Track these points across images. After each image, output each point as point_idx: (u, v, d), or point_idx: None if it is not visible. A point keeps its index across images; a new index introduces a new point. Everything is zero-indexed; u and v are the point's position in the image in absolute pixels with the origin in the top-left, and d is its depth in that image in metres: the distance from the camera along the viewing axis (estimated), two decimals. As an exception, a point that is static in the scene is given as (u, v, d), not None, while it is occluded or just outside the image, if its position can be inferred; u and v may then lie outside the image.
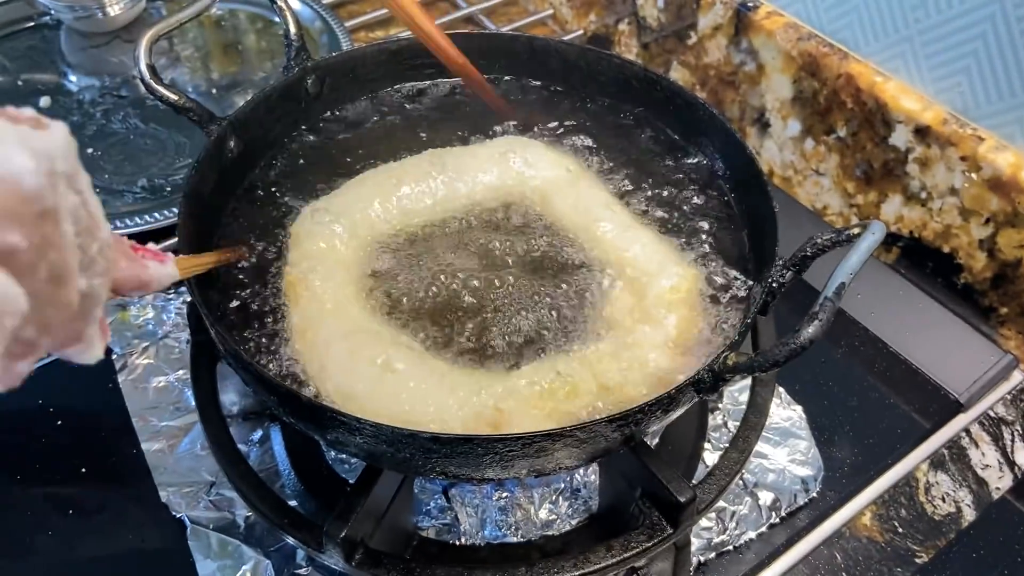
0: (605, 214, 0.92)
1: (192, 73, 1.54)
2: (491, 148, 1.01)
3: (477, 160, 0.99)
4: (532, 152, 1.00)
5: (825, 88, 1.23)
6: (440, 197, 0.97)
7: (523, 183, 0.99)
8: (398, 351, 0.80)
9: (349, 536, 0.77)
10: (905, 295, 1.21)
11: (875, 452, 1.05)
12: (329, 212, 0.92)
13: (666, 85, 1.01)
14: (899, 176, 1.19)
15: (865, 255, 0.69)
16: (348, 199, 0.94)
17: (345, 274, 0.89)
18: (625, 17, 1.49)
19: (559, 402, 0.77)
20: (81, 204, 0.47)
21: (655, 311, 0.82)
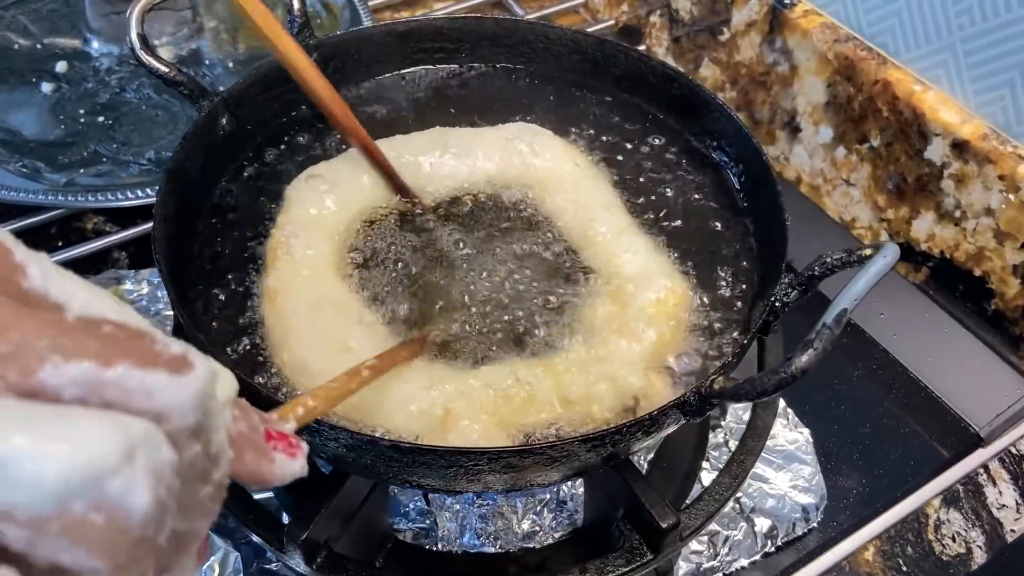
0: (602, 215, 0.87)
1: (215, 45, 1.52)
2: (500, 132, 0.97)
3: (482, 142, 0.95)
4: (541, 141, 0.96)
5: (860, 94, 1.16)
6: (438, 175, 0.93)
7: (526, 171, 0.94)
8: (359, 330, 0.77)
9: (311, 538, 0.74)
10: (931, 318, 1.14)
11: (884, 483, 0.99)
12: (324, 179, 0.90)
13: (684, 82, 0.96)
14: (933, 192, 1.12)
15: (874, 280, 0.64)
16: (345, 168, 0.92)
17: (328, 243, 0.86)
18: (657, 9, 1.43)
19: (513, 411, 0.72)
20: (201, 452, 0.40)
21: (635, 324, 0.77)
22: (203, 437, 0.40)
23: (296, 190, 0.90)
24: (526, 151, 0.94)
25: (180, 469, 0.38)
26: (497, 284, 0.86)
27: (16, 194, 1.14)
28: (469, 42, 1.03)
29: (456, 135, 0.96)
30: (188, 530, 0.41)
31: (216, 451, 0.41)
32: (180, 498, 0.39)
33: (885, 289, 1.15)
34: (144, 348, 0.38)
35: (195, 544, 0.42)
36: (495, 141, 0.96)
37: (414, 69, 1.04)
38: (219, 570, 0.88)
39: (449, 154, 0.94)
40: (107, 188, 1.17)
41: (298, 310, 0.79)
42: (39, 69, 1.37)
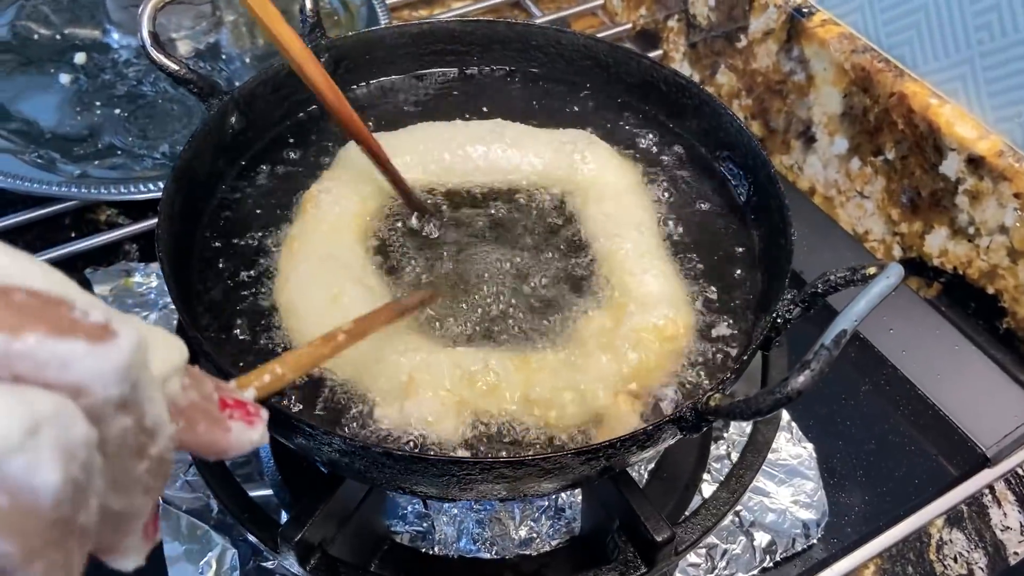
0: (632, 233, 0.86)
1: (234, 39, 1.52)
2: (557, 134, 0.97)
3: (537, 142, 0.95)
4: (595, 150, 0.95)
5: (877, 106, 1.15)
6: (485, 165, 0.95)
7: (572, 176, 0.94)
8: (355, 287, 0.79)
9: (306, 540, 0.75)
10: (942, 335, 1.13)
11: (887, 501, 0.98)
12: (338, 187, 0.91)
13: (695, 92, 0.95)
14: (947, 207, 1.11)
15: (876, 301, 0.63)
16: (403, 140, 0.94)
17: (359, 206, 0.89)
18: (675, 14, 1.42)
19: (474, 395, 0.72)
20: (132, 424, 0.38)
21: (622, 343, 0.76)
22: (134, 410, 0.38)
23: (348, 151, 0.93)
24: (578, 157, 0.94)
25: (107, 444, 0.36)
26: (505, 275, 0.86)
27: (31, 185, 1.15)
28: (480, 45, 1.02)
29: (514, 130, 0.96)
30: (126, 508, 0.39)
31: (152, 424, 0.39)
32: (112, 475, 0.37)
33: (896, 304, 1.15)
34: (59, 316, 0.35)
35: (137, 522, 0.40)
36: (550, 141, 0.95)
37: (424, 71, 1.04)
38: (216, 567, 0.88)
39: (502, 145, 0.95)
40: (121, 181, 1.18)
41: (308, 258, 0.82)
42: (58, 60, 1.38)
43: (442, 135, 0.95)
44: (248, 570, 0.88)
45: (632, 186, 0.93)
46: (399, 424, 0.72)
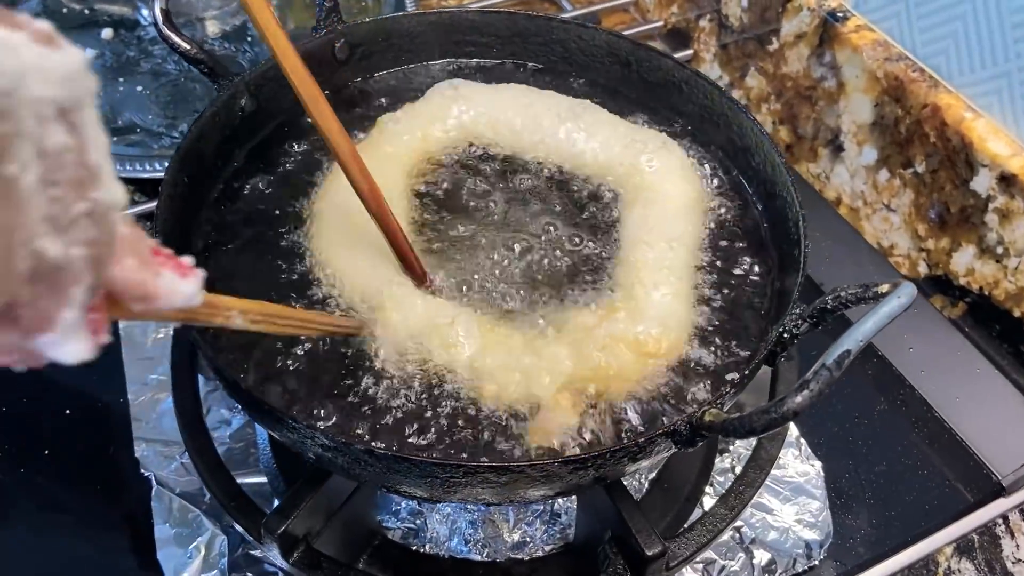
0: (661, 245, 0.83)
1: (263, 21, 1.51)
2: (635, 131, 0.94)
3: (613, 132, 0.93)
4: (666, 157, 0.91)
5: (908, 117, 1.11)
6: (551, 143, 0.94)
7: (632, 173, 0.91)
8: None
9: (290, 532, 0.73)
10: (963, 356, 1.09)
11: (895, 525, 0.95)
12: (460, 97, 0.95)
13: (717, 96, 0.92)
14: (976, 225, 1.07)
15: (884, 321, 0.60)
16: (485, 94, 0.95)
17: (420, 143, 0.92)
18: (707, 13, 1.39)
19: (426, 343, 0.75)
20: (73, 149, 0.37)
21: (593, 343, 0.74)
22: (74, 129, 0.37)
23: (436, 89, 0.96)
24: (644, 159, 0.91)
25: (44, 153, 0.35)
26: (528, 249, 0.86)
27: (47, 159, 1.15)
28: (500, 37, 1.00)
29: (595, 115, 0.95)
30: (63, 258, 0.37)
31: (95, 164, 0.38)
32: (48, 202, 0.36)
33: (917, 322, 1.11)
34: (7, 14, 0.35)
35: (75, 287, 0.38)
36: (625, 136, 0.93)
37: (442, 61, 1.02)
38: (204, 552, 0.88)
39: (576, 125, 0.94)
40: (138, 158, 1.18)
41: None
42: (85, 34, 1.38)
43: (522, 100, 0.95)
44: (236, 558, 0.88)
45: (688, 202, 0.89)
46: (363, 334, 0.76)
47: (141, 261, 0.45)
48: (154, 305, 0.46)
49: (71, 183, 0.37)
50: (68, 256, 0.37)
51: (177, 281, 0.46)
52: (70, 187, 0.37)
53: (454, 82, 0.97)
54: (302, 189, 0.89)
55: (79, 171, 0.37)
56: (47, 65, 0.35)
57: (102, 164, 0.39)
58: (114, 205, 0.40)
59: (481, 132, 0.94)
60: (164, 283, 0.46)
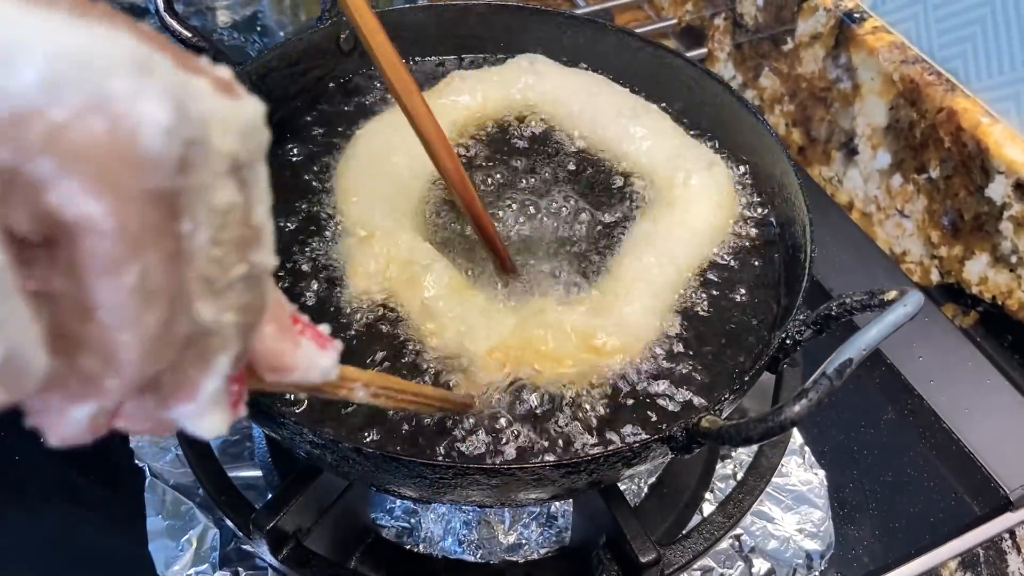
0: (650, 260, 0.81)
1: (276, 12, 1.51)
2: (686, 144, 0.91)
3: (668, 141, 0.91)
4: (705, 178, 0.88)
5: (924, 121, 1.09)
6: (602, 134, 0.94)
7: (665, 187, 0.89)
8: (412, 182, 0.87)
9: (279, 528, 0.73)
10: (974, 367, 1.07)
11: (899, 538, 0.93)
12: (534, 73, 0.96)
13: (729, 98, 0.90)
14: (990, 233, 1.04)
15: (888, 330, 0.58)
16: (558, 76, 0.97)
17: (480, 105, 0.95)
18: (722, 12, 1.37)
19: (399, 279, 0.77)
20: (241, 207, 0.34)
21: (542, 323, 0.74)
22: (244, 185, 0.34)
23: (515, 64, 0.97)
24: (681, 176, 0.88)
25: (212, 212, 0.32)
26: (520, 220, 0.88)
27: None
28: (508, 31, 0.99)
29: (652, 117, 0.93)
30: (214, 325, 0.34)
31: (258, 224, 0.35)
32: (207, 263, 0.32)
33: (928, 331, 1.09)
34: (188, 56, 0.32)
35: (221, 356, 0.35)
36: (673, 147, 0.90)
37: (448, 56, 1.01)
38: (196, 545, 0.87)
39: (631, 123, 0.93)
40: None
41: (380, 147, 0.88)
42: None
43: (591, 88, 0.95)
44: (228, 551, 0.87)
45: (708, 229, 0.85)
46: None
47: (281, 329, 0.41)
48: (289, 378, 0.42)
49: (234, 243, 0.34)
50: (220, 322, 0.34)
51: (316, 354, 0.43)
52: (232, 248, 0.34)
53: (535, 57, 0.98)
54: (304, 187, 0.87)
55: (243, 231, 0.34)
56: (228, 116, 0.32)
57: (265, 225, 0.36)
58: (271, 268, 0.37)
59: (540, 109, 0.96)
60: (303, 355, 0.42)
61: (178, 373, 0.33)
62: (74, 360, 0.29)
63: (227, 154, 0.32)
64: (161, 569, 0.85)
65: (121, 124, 0.26)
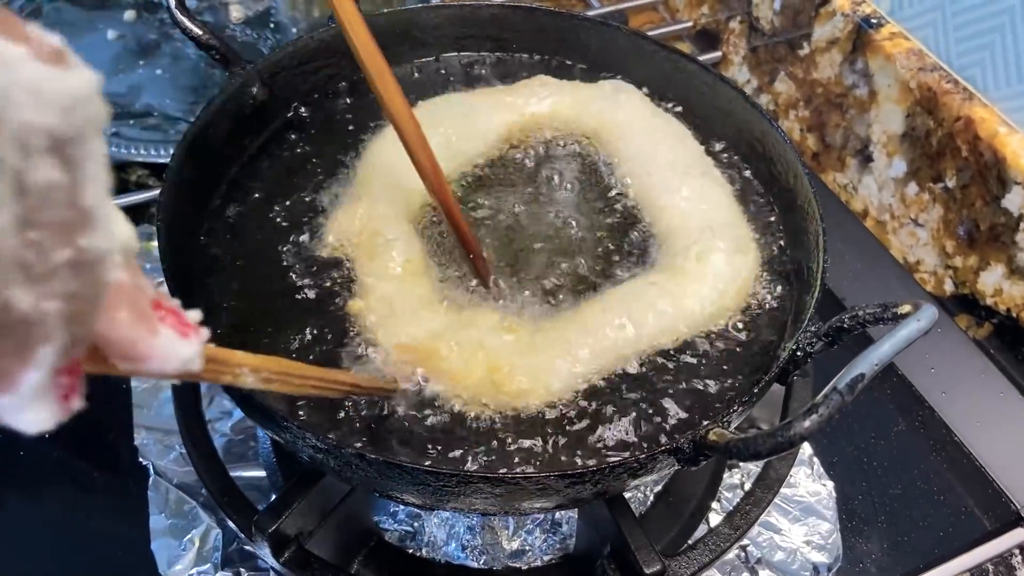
0: (615, 324, 0.76)
1: (289, 7, 1.50)
2: (734, 217, 0.86)
3: (709, 206, 0.86)
4: (721, 259, 0.81)
5: (940, 129, 1.07)
6: (623, 167, 0.92)
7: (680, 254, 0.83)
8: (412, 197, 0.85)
9: (281, 531, 0.72)
10: (987, 379, 1.05)
11: (908, 551, 0.92)
12: (555, 89, 0.95)
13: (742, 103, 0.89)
14: (1006, 244, 1.03)
15: (901, 345, 0.57)
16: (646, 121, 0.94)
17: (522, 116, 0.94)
18: (738, 15, 1.36)
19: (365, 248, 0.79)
20: (64, 187, 0.32)
21: (462, 334, 0.74)
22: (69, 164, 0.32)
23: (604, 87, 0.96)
24: (700, 249, 0.81)
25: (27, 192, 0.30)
26: (509, 227, 0.87)
27: (63, 139, 1.14)
28: (520, 32, 0.98)
29: (708, 182, 0.87)
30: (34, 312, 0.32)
31: (90, 207, 0.33)
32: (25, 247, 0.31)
33: (941, 342, 1.08)
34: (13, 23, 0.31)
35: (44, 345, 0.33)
36: (714, 215, 0.85)
37: (461, 55, 1.00)
38: (198, 544, 0.87)
39: (679, 179, 0.87)
40: (152, 142, 1.17)
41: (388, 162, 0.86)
42: (107, 16, 1.38)
43: (658, 130, 0.92)
44: (230, 552, 0.87)
45: (703, 313, 0.79)
46: None
47: (136, 316, 0.39)
48: (144, 367, 0.40)
49: (55, 226, 0.32)
50: (40, 310, 0.32)
51: (175, 342, 0.40)
52: (54, 231, 0.32)
53: (623, 86, 0.94)
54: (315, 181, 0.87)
55: (68, 213, 0.32)
56: (46, 88, 0.30)
57: (98, 207, 0.33)
58: (107, 253, 0.34)
59: (600, 136, 0.93)
60: (159, 343, 0.40)
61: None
62: None
63: (42, 128, 0.30)
64: (163, 568, 0.85)
65: None
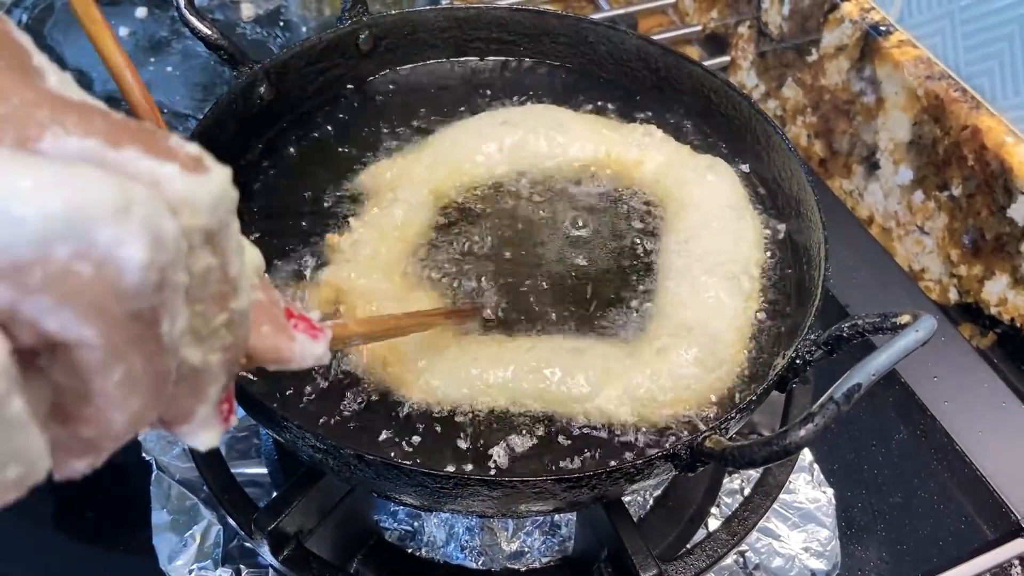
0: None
1: (299, 6, 1.51)
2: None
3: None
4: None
5: (947, 138, 1.07)
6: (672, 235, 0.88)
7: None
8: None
9: (280, 529, 0.73)
10: (990, 389, 1.05)
11: (906, 560, 0.92)
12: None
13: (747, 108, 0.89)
14: (1011, 254, 1.03)
15: (899, 356, 0.57)
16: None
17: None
18: (747, 20, 1.36)
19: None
20: (217, 268, 0.38)
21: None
22: (219, 252, 0.38)
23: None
24: (710, 295, 0.80)
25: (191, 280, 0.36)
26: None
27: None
28: (528, 36, 0.98)
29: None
30: (203, 364, 0.39)
31: (235, 275, 0.39)
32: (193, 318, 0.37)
33: (944, 351, 1.08)
34: (157, 140, 0.35)
35: (212, 387, 0.40)
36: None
37: (468, 58, 1.00)
38: (200, 541, 0.87)
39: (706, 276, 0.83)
40: (162, 139, 1.17)
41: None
42: (119, 11, 1.39)
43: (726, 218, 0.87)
44: (231, 548, 0.87)
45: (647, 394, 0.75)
46: None
47: (275, 327, 0.46)
48: (287, 367, 0.47)
49: (214, 298, 0.38)
50: (207, 362, 0.39)
51: (309, 344, 0.48)
52: (213, 302, 0.38)
53: (718, 164, 0.90)
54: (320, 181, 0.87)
55: (222, 287, 0.38)
56: (197, 196, 0.35)
57: (240, 275, 0.40)
58: (248, 309, 0.42)
59: (665, 206, 0.89)
60: (297, 347, 0.47)
61: (176, 406, 0.39)
62: (75, 430, 0.35)
63: (200, 228, 0.36)
64: (164, 563, 0.86)
65: (106, 267, 0.31)
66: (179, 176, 0.35)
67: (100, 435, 0.35)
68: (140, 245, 0.32)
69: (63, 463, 0.37)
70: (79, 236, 0.31)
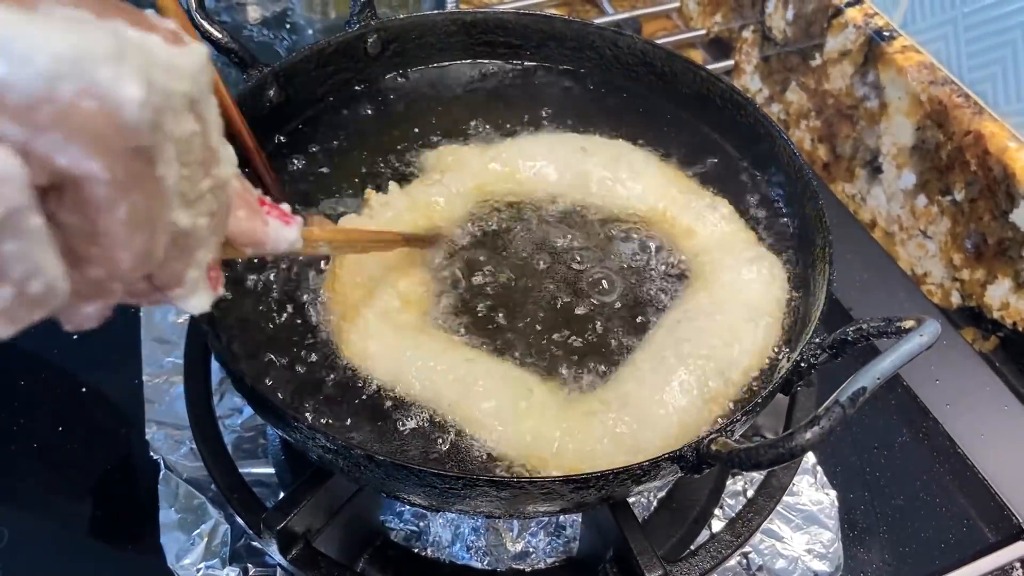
0: None
1: (306, 9, 1.51)
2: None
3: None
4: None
5: (950, 143, 1.08)
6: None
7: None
8: None
9: (289, 529, 0.73)
10: (992, 392, 1.06)
11: (909, 563, 0.93)
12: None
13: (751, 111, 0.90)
14: (1013, 259, 1.03)
15: (903, 360, 0.58)
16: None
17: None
18: (751, 24, 1.36)
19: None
20: (200, 134, 0.42)
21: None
22: (200, 117, 0.42)
23: None
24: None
25: (178, 139, 0.40)
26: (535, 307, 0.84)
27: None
28: (534, 40, 0.99)
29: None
30: (191, 227, 0.43)
31: (215, 144, 0.44)
32: (180, 182, 0.41)
33: (947, 355, 1.08)
34: (140, 16, 0.39)
35: (201, 250, 0.44)
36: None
37: (475, 61, 1.01)
38: (207, 540, 0.88)
39: None
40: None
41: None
42: (127, 13, 1.39)
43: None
44: (238, 547, 0.88)
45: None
46: None
47: (251, 211, 0.51)
48: (263, 250, 0.53)
49: (198, 163, 0.43)
50: (195, 226, 0.43)
51: (282, 228, 0.53)
52: (198, 167, 0.43)
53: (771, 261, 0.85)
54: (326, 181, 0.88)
55: (204, 153, 0.43)
56: (178, 63, 0.39)
57: (220, 145, 0.45)
58: (231, 176, 0.46)
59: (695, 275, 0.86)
60: (272, 231, 0.53)
61: (167, 268, 0.43)
62: (84, 272, 0.38)
63: (183, 93, 0.40)
64: (172, 561, 0.86)
65: (107, 103, 0.35)
66: (162, 45, 0.39)
67: (108, 275, 0.39)
68: (136, 84, 0.36)
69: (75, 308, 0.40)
70: (82, 75, 0.34)
